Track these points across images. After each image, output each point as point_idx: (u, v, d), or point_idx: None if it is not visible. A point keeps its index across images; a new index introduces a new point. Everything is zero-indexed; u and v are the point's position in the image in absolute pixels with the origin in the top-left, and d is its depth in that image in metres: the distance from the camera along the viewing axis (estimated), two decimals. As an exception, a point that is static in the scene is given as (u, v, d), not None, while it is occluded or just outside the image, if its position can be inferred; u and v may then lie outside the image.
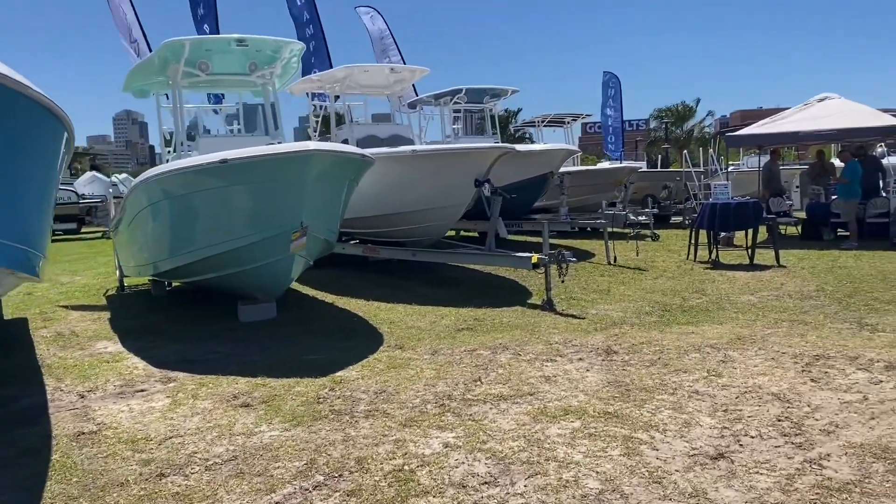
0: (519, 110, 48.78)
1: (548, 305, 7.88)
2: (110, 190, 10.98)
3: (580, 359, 5.74)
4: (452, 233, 14.53)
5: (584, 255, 12.47)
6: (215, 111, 11.77)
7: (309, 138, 12.01)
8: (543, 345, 6.26)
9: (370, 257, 10.75)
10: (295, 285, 9.98)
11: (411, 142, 12.16)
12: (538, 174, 12.98)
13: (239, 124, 10.48)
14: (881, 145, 18.91)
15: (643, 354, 5.79)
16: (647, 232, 15.28)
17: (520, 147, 13.16)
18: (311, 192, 6.42)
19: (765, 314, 7.26)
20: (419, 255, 9.77)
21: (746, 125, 16.22)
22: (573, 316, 7.48)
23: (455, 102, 15.72)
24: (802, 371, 5.10)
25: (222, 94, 12.70)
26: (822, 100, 14.85)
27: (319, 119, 13.58)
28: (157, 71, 9.00)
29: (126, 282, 10.28)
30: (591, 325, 6.99)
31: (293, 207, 6.40)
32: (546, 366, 5.54)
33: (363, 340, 6.63)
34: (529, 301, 8.40)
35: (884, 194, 13.23)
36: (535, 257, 8.01)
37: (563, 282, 8.15)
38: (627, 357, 5.73)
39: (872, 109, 13.92)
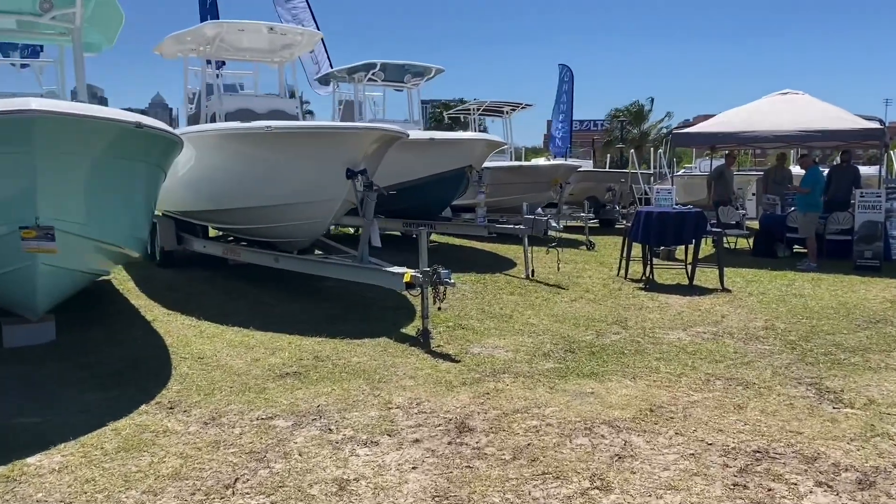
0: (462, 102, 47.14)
1: (422, 338, 6.16)
2: None
3: (415, 441, 3.96)
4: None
5: (501, 266, 10.89)
6: None
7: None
8: (378, 410, 4.47)
9: (231, 260, 9.01)
10: (128, 291, 8.40)
11: (295, 119, 10.32)
12: (454, 168, 11.27)
13: None
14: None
15: (510, 436, 4.04)
16: (583, 238, 13.81)
17: (425, 134, 11.44)
18: (53, 174, 4.70)
19: (695, 365, 5.61)
20: (282, 263, 8.11)
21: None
22: (446, 357, 5.75)
23: (370, 79, 13.92)
24: (733, 486, 3.39)
25: None
26: (784, 94, 13.40)
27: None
28: None
29: None
30: (461, 375, 5.25)
31: (18, 194, 4.68)
32: (356, 456, 3.74)
33: (131, 390, 4.79)
34: (405, 328, 6.70)
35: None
36: (408, 275, 6.25)
37: (439, 309, 6.42)
38: (485, 440, 3.97)
39: (841, 110, 12.48)
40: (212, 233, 10.92)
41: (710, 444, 3.92)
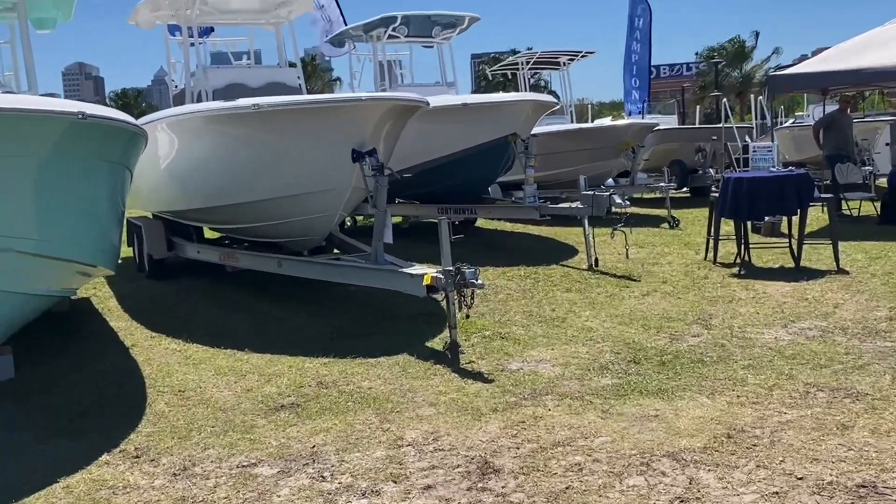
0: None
1: (450, 353, 6.07)
2: None
3: (426, 488, 3.87)
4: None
5: (557, 255, 10.75)
6: None
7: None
8: (386, 448, 4.40)
9: (228, 266, 9.15)
10: (108, 311, 8.59)
11: (296, 92, 10.34)
12: (494, 137, 11.15)
13: None
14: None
15: (545, 477, 3.90)
16: (664, 214, 13.50)
17: (455, 99, 11.33)
18: None
19: (792, 373, 5.35)
20: (286, 267, 8.19)
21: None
22: (477, 376, 5.65)
23: (392, 36, 13.89)
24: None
25: None
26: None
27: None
28: None
29: None
30: (493, 399, 5.13)
31: None
32: (350, 510, 3.66)
33: (93, 435, 4.84)
34: (431, 341, 6.64)
35: None
36: (427, 277, 6.16)
37: (467, 317, 6.30)
38: (513, 484, 3.84)
39: None
40: (209, 235, 11.08)
41: (801, 479, 3.69)
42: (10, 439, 4.86)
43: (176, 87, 11.75)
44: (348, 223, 14.14)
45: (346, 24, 18.29)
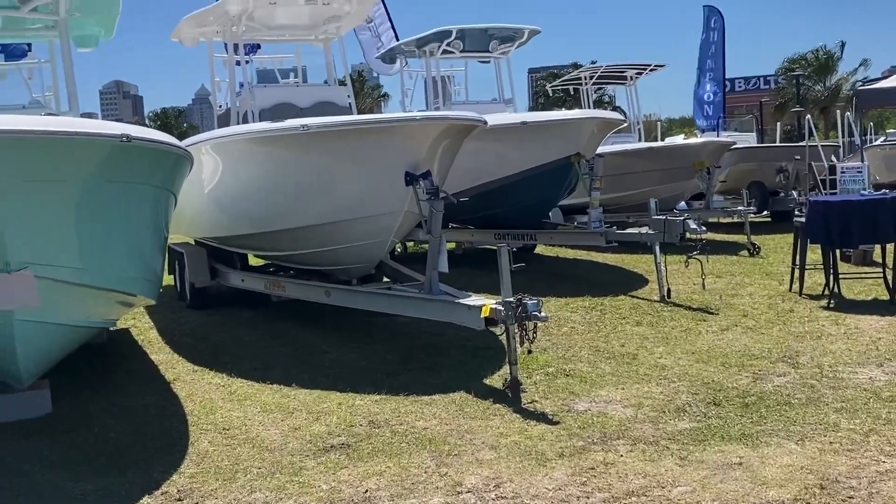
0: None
1: (511, 391, 6.06)
2: None
3: (488, 539, 3.83)
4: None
5: (626, 285, 10.71)
6: None
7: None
8: (444, 495, 4.40)
9: (274, 295, 9.28)
10: (148, 343, 8.74)
11: (346, 112, 10.50)
12: (556, 158, 11.16)
13: None
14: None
15: (617, 529, 3.83)
16: (743, 240, 13.33)
17: (514, 117, 11.38)
18: (25, 207, 4.95)
19: (891, 417, 5.22)
20: (334, 297, 8.27)
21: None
22: (541, 417, 5.62)
23: (446, 51, 14.08)
24: None
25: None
26: None
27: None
28: None
29: None
30: (559, 442, 5.09)
31: None
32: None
33: (132, 475, 4.92)
34: (489, 378, 6.65)
35: None
36: (486, 308, 6.16)
37: (529, 353, 6.27)
38: (582, 537, 3.78)
39: None
40: (254, 262, 11.26)
41: (907, 539, 3.57)
42: (45, 477, 4.97)
43: (220, 107, 12.03)
44: (398, 250, 14.25)
45: (397, 39, 18.55)
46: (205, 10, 10.65)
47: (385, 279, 9.24)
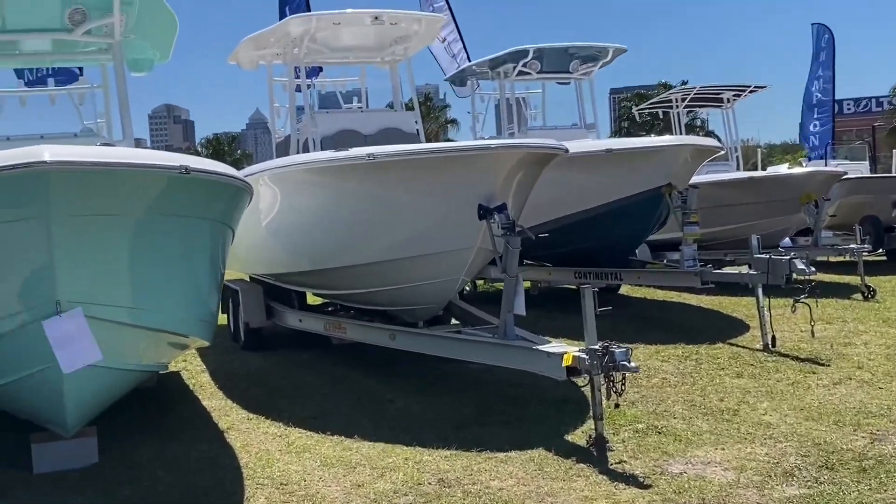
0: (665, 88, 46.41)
1: (595, 449, 6.02)
2: None
3: None
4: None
5: (724, 331, 10.59)
6: None
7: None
8: (522, 565, 4.34)
9: (334, 337, 9.42)
10: (200, 387, 8.93)
11: (413, 139, 10.63)
12: (645, 189, 11.12)
13: None
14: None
15: None
16: (857, 282, 13.03)
17: (599, 144, 11.35)
18: (77, 245, 5.13)
19: None
20: (399, 340, 8.37)
21: None
22: (631, 479, 5.56)
23: (522, 72, 14.22)
24: None
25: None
26: None
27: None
28: None
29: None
30: (652, 509, 5.00)
31: (34, 274, 5.18)
32: None
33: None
34: (570, 434, 6.62)
35: None
36: (568, 356, 6.13)
37: (616, 406, 6.20)
38: None
39: None
40: (313, 300, 11.41)
41: None
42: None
43: (279, 134, 12.30)
44: (468, 289, 14.27)
45: (469, 60, 18.77)
46: (265, 31, 10.95)
47: (454, 321, 9.29)
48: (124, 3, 7.96)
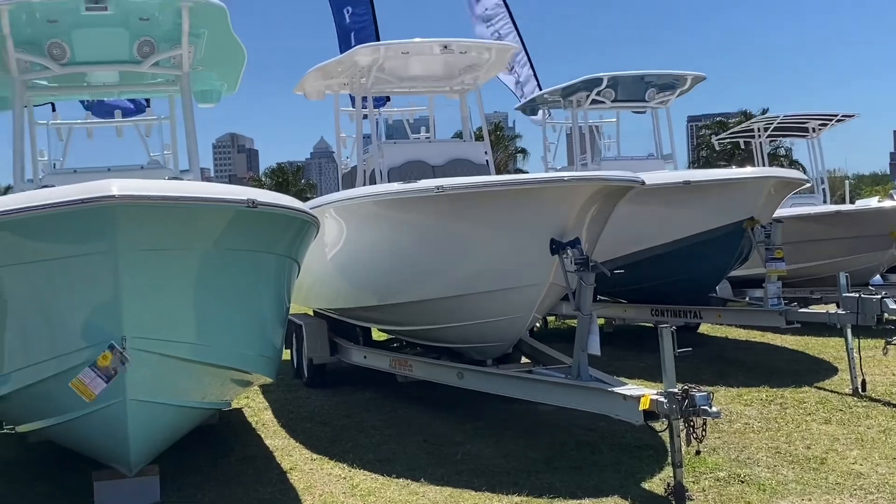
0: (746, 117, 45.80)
1: (675, 496, 5.96)
2: None
3: None
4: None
5: (810, 374, 10.38)
6: None
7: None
8: None
9: (399, 375, 9.47)
10: (262, 426, 9.03)
11: (483, 170, 10.66)
12: (725, 223, 10.96)
13: None
14: None
15: None
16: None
17: (676, 176, 11.22)
18: (143, 279, 5.28)
19: None
20: (467, 379, 8.35)
21: None
22: (712, 531, 5.42)
23: (596, 101, 14.21)
24: None
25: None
26: None
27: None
28: None
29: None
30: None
31: (99, 308, 5.31)
32: None
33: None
34: (647, 481, 6.54)
35: None
36: (645, 399, 6.06)
37: (697, 453, 6.10)
38: None
39: None
40: (377, 336, 11.47)
41: None
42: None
43: (345, 164, 12.46)
44: (537, 326, 14.21)
45: (540, 88, 18.83)
46: (332, 61, 11.14)
47: (524, 360, 9.26)
48: (193, 35, 8.19)
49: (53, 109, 10.76)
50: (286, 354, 11.28)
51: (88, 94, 10.12)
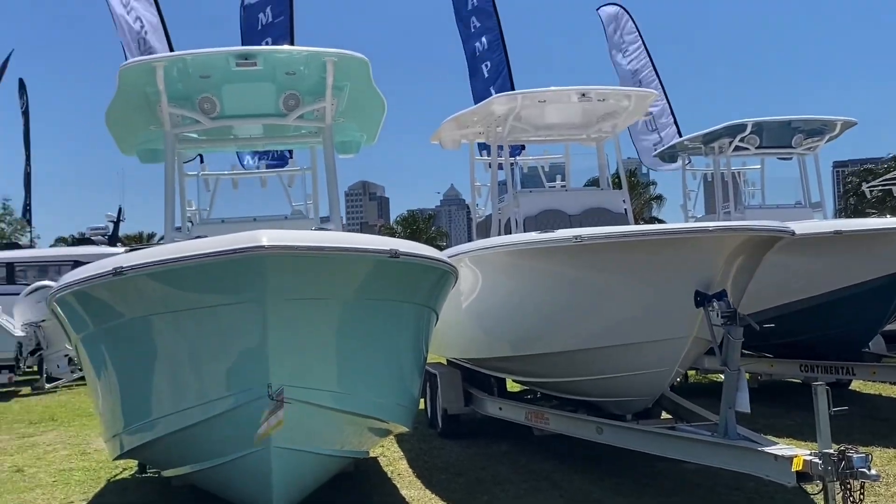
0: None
1: None
2: None
3: None
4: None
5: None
6: None
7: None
8: None
9: (535, 428, 9.47)
10: (398, 476, 9.19)
11: (622, 220, 10.62)
12: (879, 275, 10.62)
13: None
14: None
15: None
16: None
17: (825, 225, 10.92)
18: (288, 328, 5.50)
19: None
20: (607, 434, 8.27)
21: None
22: None
23: (739, 147, 14.03)
24: None
25: None
26: None
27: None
28: None
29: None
30: None
31: (246, 357, 5.57)
32: None
33: None
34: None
35: None
36: (798, 460, 5.92)
37: (857, 521, 5.88)
38: None
39: None
40: (512, 387, 11.49)
41: None
42: None
43: (479, 213, 12.61)
44: (678, 380, 13.98)
45: (679, 134, 18.69)
46: (468, 111, 11.37)
47: (665, 415, 9.10)
48: (336, 88, 8.54)
49: (202, 161, 11.27)
50: (420, 403, 11.45)
51: (234, 146, 10.63)
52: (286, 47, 8.41)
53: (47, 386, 18.38)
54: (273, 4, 19.15)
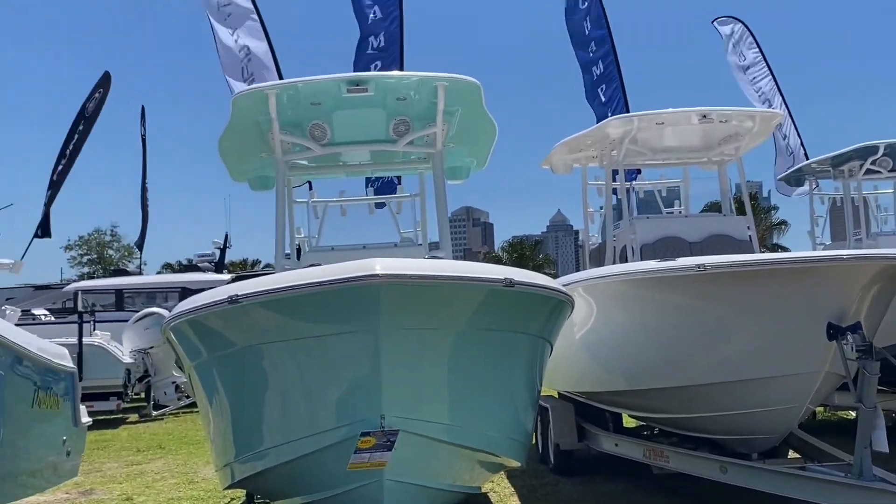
0: None
1: None
2: None
3: None
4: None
5: None
6: None
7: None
8: None
9: (654, 466, 9.25)
10: None
11: (746, 247, 10.34)
12: None
13: None
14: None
15: None
16: None
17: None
18: (401, 358, 5.47)
19: None
20: (731, 474, 8.01)
21: None
22: None
23: (871, 171, 13.59)
24: None
25: None
26: None
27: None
28: None
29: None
30: None
31: (357, 388, 5.54)
32: None
33: None
34: None
35: None
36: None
37: None
38: None
39: None
40: (628, 422, 11.25)
41: None
42: None
43: (593, 240, 12.45)
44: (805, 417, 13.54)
45: (806, 157, 18.23)
46: (581, 134, 11.26)
47: (792, 454, 8.80)
48: (447, 114, 8.55)
49: (311, 188, 11.43)
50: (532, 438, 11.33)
51: (343, 172, 10.72)
52: (397, 73, 8.52)
53: (154, 413, 18.80)
54: (384, 31, 19.35)
